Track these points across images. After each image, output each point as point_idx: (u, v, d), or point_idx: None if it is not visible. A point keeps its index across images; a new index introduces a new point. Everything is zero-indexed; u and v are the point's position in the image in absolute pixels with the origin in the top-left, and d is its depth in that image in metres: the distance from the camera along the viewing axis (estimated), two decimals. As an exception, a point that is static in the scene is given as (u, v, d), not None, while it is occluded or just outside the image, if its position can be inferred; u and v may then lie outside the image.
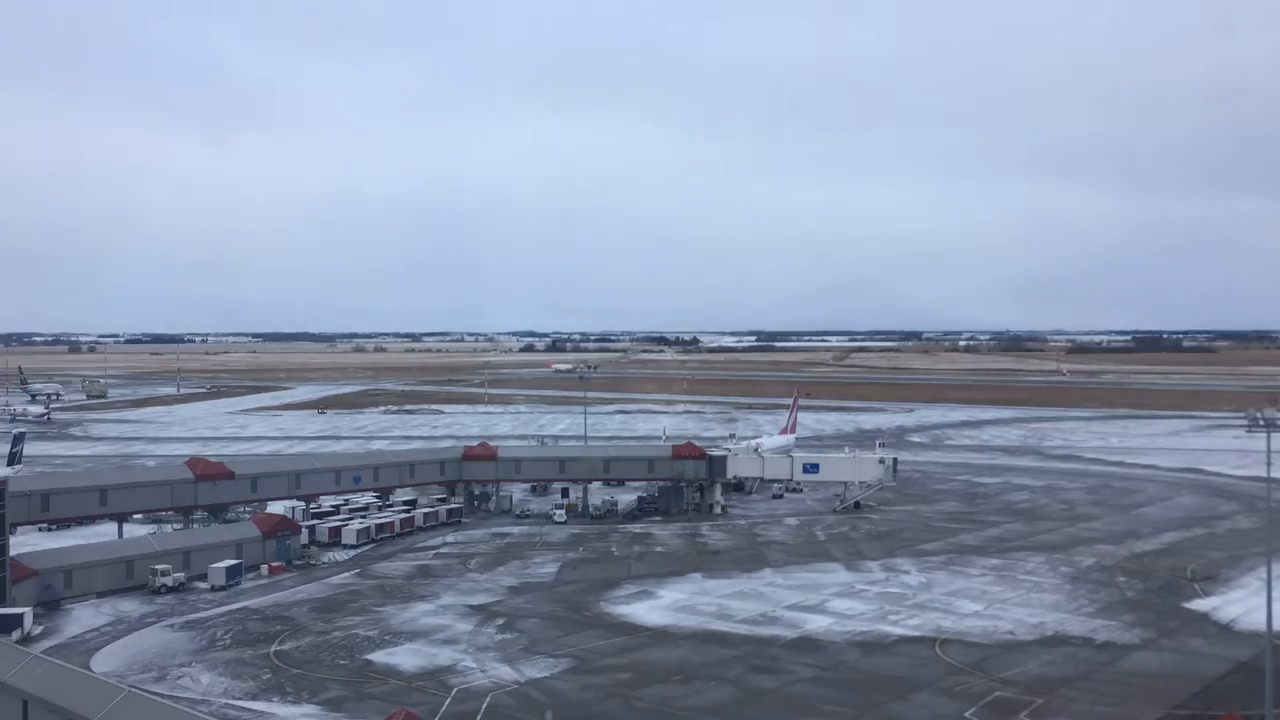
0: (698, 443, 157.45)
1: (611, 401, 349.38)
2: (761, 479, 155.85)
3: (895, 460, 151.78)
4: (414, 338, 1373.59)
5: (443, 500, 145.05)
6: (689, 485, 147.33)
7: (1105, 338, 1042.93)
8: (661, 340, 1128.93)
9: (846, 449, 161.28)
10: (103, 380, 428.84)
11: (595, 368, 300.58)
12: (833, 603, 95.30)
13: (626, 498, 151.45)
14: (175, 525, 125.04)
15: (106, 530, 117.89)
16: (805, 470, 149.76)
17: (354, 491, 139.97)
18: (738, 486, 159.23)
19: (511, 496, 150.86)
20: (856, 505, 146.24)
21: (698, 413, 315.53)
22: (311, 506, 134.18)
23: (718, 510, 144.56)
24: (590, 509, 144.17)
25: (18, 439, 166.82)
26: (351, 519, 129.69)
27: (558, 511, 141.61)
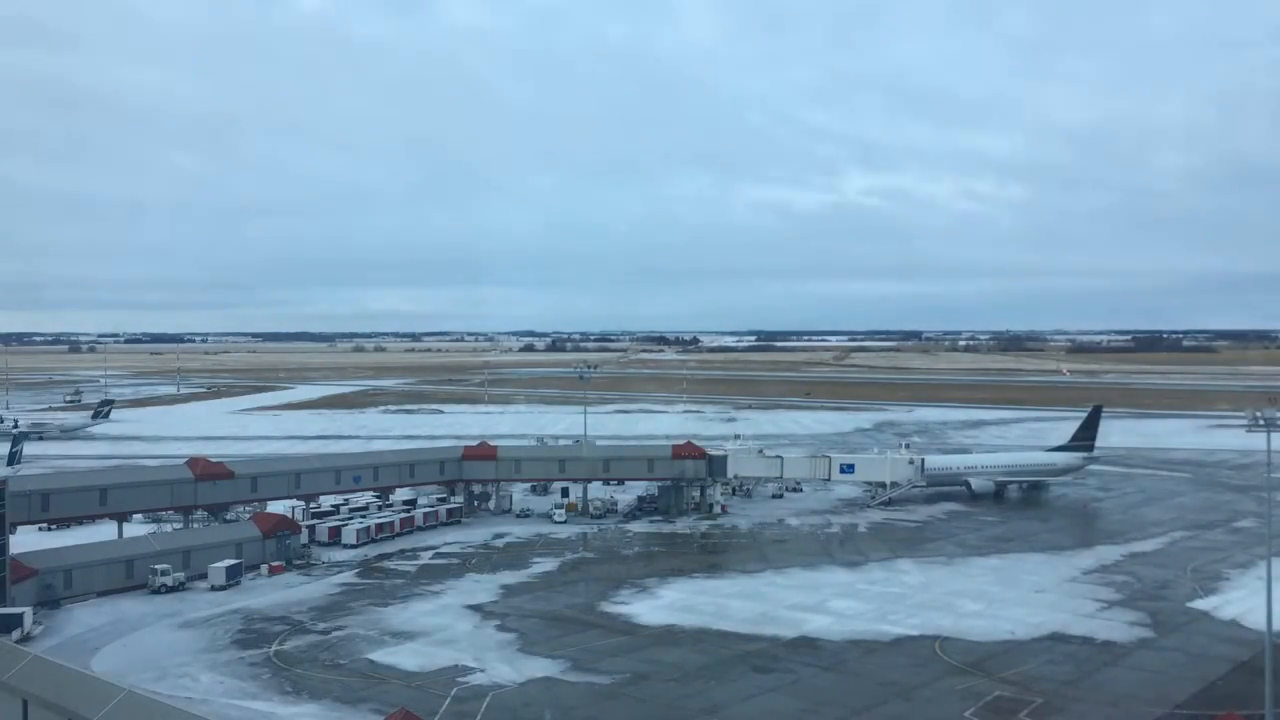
0: (697, 442, 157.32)
1: (612, 401, 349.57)
2: (763, 479, 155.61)
3: (924, 461, 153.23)
4: (414, 337, 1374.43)
5: (442, 500, 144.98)
6: (689, 485, 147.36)
7: (1105, 338, 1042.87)
8: (661, 340, 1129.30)
9: (876, 450, 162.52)
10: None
11: (595, 367, 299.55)
12: (833, 602, 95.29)
13: (626, 497, 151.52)
14: (175, 525, 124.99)
15: (106, 530, 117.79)
16: (842, 470, 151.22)
17: (354, 491, 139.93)
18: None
19: (511, 496, 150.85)
20: (889, 503, 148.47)
21: (698, 413, 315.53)
22: (311, 506, 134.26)
23: (717, 510, 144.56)
24: (590, 508, 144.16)
25: (17, 439, 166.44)
26: (351, 519, 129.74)
27: (558, 511, 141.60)
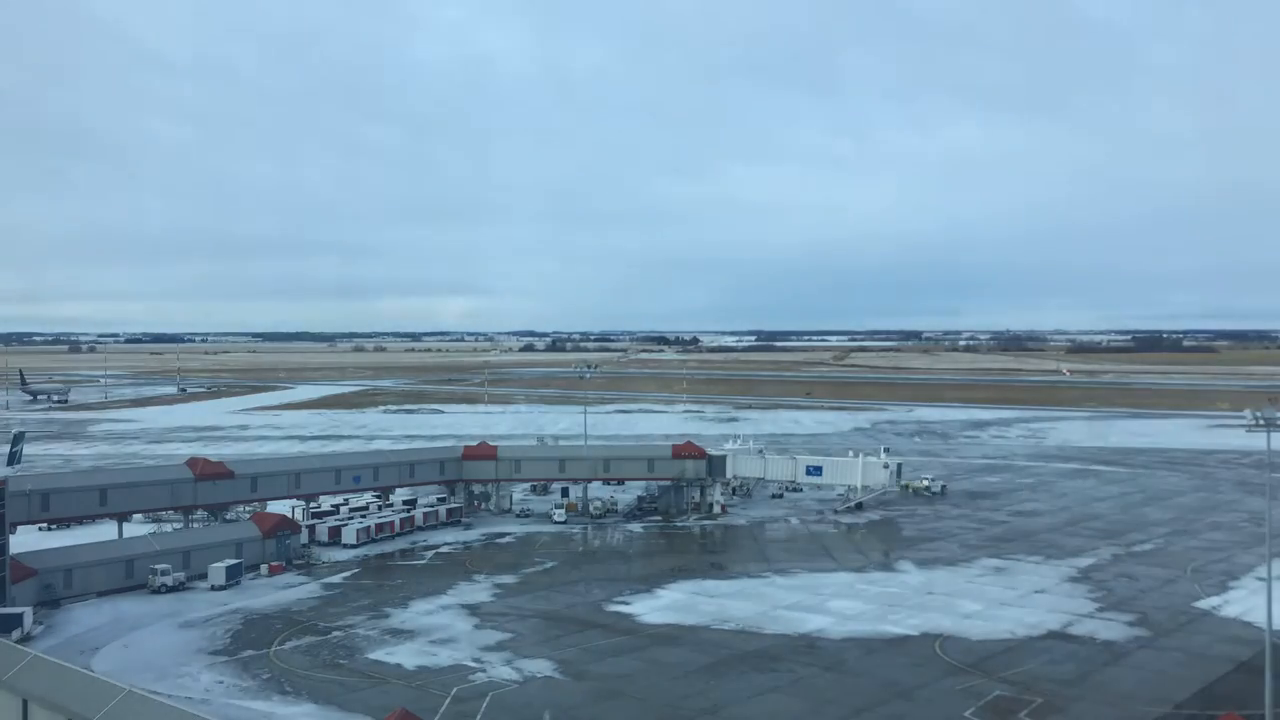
0: (697, 442, 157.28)
1: (612, 401, 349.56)
2: (763, 479, 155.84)
3: (900, 465, 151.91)
4: (414, 337, 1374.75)
5: (442, 500, 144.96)
6: (689, 485, 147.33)
7: (1105, 338, 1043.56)
8: (661, 340, 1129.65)
9: (850, 453, 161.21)
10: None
11: (595, 367, 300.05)
12: (832, 602, 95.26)
13: (626, 497, 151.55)
14: (175, 525, 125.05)
15: (106, 530, 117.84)
16: (809, 472, 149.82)
17: (354, 491, 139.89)
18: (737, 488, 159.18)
19: (511, 496, 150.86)
20: (859, 506, 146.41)
21: (698, 413, 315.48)
22: (311, 506, 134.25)
23: (717, 510, 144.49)
24: (590, 508, 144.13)
25: (17, 439, 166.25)
26: (351, 519, 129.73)
27: (558, 511, 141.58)
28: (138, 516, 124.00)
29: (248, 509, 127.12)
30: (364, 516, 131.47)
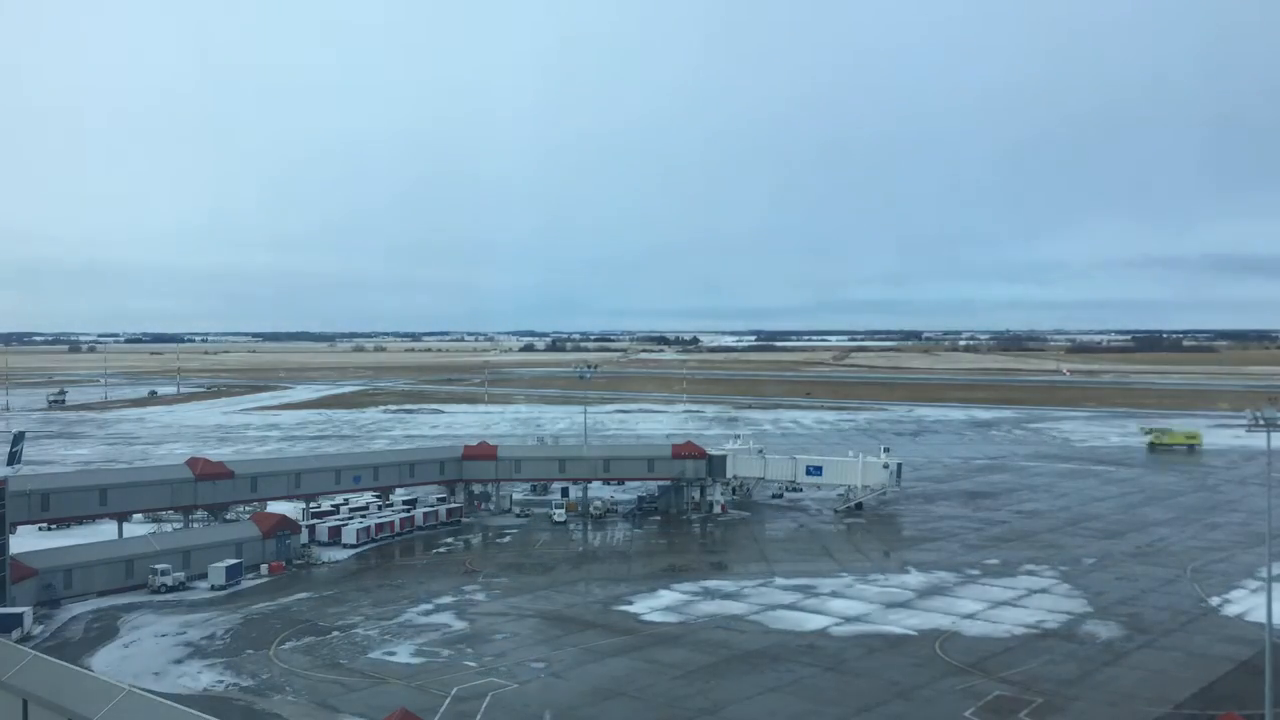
0: (697, 442, 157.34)
1: (611, 401, 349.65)
2: (763, 479, 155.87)
3: (900, 465, 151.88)
4: (414, 337, 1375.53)
5: (442, 500, 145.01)
6: (689, 485, 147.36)
7: (1105, 338, 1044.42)
8: (661, 340, 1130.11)
9: (851, 453, 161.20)
10: None
11: (595, 367, 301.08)
12: (832, 602, 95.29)
13: (626, 497, 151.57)
14: (175, 525, 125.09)
15: (106, 530, 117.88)
16: (809, 472, 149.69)
17: (354, 491, 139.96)
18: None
19: (511, 496, 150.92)
20: (859, 506, 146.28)
21: (698, 413, 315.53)
22: (311, 506, 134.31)
23: (717, 510, 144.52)
24: (590, 508, 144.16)
25: (17, 438, 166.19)
26: (351, 518, 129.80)
27: (558, 511, 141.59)
28: (138, 516, 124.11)
29: (248, 509, 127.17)
30: (364, 516, 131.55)
